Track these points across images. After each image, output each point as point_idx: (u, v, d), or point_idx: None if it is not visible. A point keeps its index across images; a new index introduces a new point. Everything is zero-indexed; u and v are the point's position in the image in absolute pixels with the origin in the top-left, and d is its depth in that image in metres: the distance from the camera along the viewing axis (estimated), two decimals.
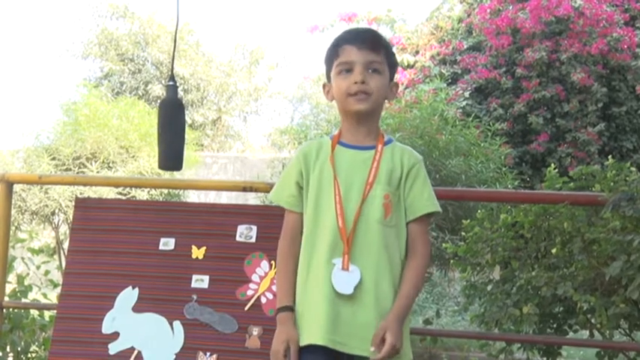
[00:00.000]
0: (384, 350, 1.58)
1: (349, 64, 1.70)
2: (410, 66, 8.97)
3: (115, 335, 2.21)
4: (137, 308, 2.24)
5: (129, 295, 2.25)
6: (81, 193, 6.29)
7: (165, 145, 2.27)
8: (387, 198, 1.67)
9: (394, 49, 9.24)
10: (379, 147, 1.73)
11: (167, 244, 2.31)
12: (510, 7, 8.63)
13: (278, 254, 1.81)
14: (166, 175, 6.25)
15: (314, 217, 1.72)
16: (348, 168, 1.72)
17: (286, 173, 1.81)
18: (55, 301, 3.09)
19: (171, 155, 2.28)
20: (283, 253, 1.79)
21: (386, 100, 1.80)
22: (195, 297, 2.22)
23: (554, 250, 2.69)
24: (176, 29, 2.62)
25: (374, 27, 9.51)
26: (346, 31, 1.81)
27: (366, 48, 1.70)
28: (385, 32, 9.83)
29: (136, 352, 2.18)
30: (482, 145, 5.67)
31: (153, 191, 7.01)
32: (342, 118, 1.78)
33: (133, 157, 7.21)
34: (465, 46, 8.92)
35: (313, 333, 1.64)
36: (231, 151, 16.71)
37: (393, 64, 1.78)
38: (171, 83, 2.27)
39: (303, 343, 1.66)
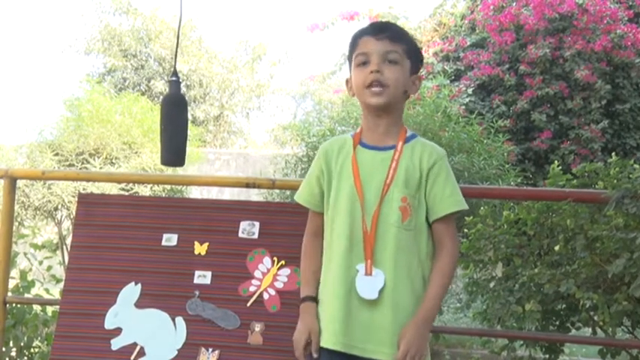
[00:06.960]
0: (397, 356, 1.57)
1: (366, 55, 1.67)
2: None
3: (117, 331, 2.21)
4: (139, 304, 2.24)
5: (131, 291, 2.26)
6: (84, 189, 6.29)
7: (168, 141, 2.26)
8: (405, 201, 1.64)
9: None
10: (399, 146, 1.70)
11: (170, 240, 2.31)
12: (513, 4, 8.61)
13: (302, 250, 1.83)
14: (169, 171, 6.24)
15: (332, 218, 1.71)
16: (367, 169, 1.69)
17: (309, 172, 1.81)
18: (57, 296, 3.10)
19: (174, 151, 2.27)
20: (306, 249, 1.81)
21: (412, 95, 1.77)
22: (197, 293, 2.23)
23: (556, 248, 2.68)
24: (179, 25, 2.60)
25: None
26: (368, 24, 1.80)
27: (384, 38, 1.68)
28: None
29: (138, 348, 2.18)
30: (485, 142, 5.65)
31: (155, 187, 7.02)
32: (362, 112, 1.77)
33: (136, 152, 7.22)
34: (468, 43, 8.90)
35: (328, 336, 1.63)
36: (233, 147, 16.70)
37: (415, 57, 1.73)
38: (174, 79, 2.25)
39: (321, 343, 1.66)
